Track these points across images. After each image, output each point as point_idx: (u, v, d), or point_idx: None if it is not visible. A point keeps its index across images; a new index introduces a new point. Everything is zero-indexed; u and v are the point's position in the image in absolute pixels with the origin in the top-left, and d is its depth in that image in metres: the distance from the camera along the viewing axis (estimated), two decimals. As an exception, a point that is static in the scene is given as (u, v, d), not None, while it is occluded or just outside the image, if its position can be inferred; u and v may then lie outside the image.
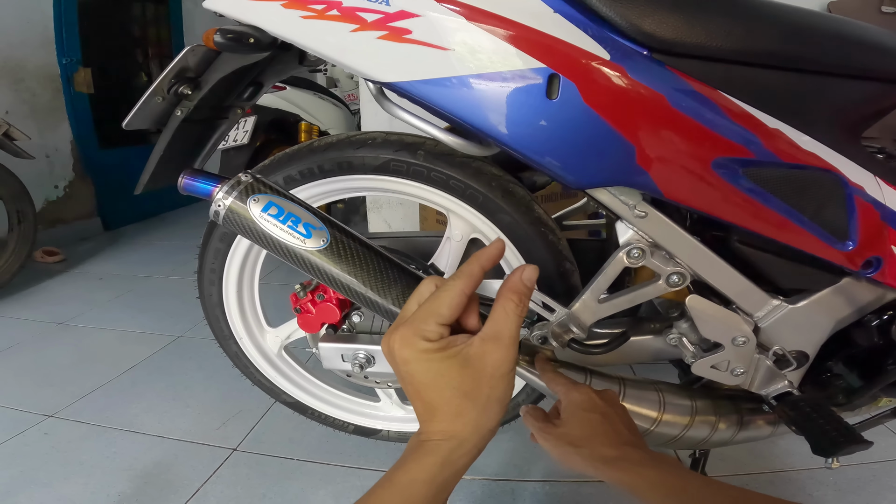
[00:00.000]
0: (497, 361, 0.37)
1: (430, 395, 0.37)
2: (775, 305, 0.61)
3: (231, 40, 0.57)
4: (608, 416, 0.48)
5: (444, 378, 0.36)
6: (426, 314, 0.37)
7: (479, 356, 0.37)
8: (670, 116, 0.49)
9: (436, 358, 0.36)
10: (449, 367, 0.36)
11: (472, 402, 0.36)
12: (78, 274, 2.25)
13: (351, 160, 0.69)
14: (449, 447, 0.36)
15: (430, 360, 0.36)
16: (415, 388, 0.38)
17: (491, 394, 0.37)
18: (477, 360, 0.36)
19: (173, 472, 1.02)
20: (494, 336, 0.37)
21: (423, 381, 0.37)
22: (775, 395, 0.64)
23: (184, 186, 0.57)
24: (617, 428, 0.48)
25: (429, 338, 0.36)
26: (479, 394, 0.36)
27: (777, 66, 0.51)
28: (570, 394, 0.51)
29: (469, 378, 0.36)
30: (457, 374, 0.36)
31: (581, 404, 0.49)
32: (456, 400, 0.36)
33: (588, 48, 0.48)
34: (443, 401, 0.37)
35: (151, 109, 0.67)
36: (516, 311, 0.38)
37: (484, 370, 0.36)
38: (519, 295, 0.38)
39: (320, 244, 0.54)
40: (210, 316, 0.88)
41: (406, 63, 0.51)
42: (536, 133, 0.51)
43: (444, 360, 0.36)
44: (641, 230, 0.58)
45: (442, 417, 0.37)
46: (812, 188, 0.55)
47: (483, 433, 0.37)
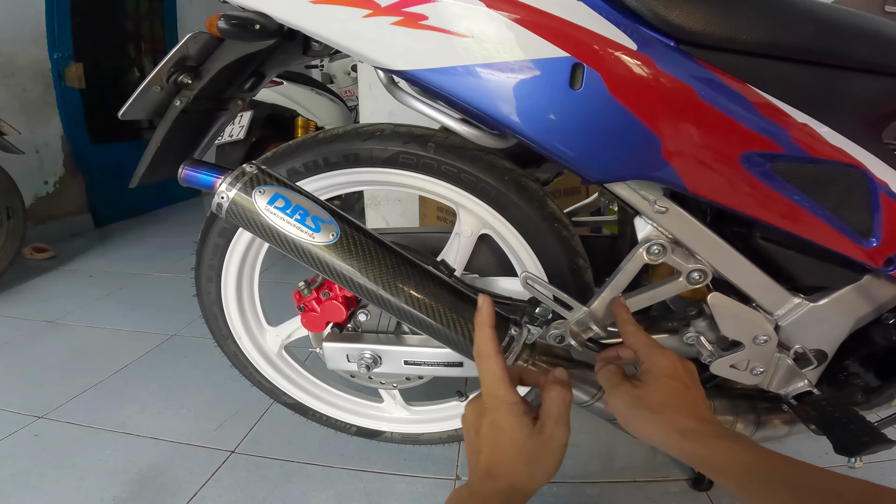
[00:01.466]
0: (557, 438, 0.44)
1: (497, 455, 0.44)
2: (796, 303, 0.60)
3: (236, 27, 0.55)
4: (690, 389, 0.46)
5: (517, 443, 0.44)
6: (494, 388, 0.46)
7: (540, 428, 0.45)
8: (699, 109, 0.47)
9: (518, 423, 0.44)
10: (527, 436, 0.44)
11: (531, 467, 0.44)
12: (68, 271, 2.19)
13: (358, 152, 0.66)
14: (501, 500, 0.42)
15: (519, 421, 0.44)
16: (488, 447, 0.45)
17: (549, 462, 0.44)
18: (538, 432, 0.45)
19: (169, 475, 0.99)
20: (555, 419, 0.45)
21: (500, 441, 0.44)
22: (795, 394, 0.63)
23: (184, 177, 0.54)
24: (697, 401, 0.46)
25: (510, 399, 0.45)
26: (538, 462, 0.44)
27: (806, 60, 0.50)
28: (656, 357, 0.48)
29: (535, 449, 0.44)
30: (526, 441, 0.44)
31: (666, 370, 0.46)
32: (517, 462, 0.44)
33: (614, 38, 0.47)
34: (506, 461, 0.44)
35: (149, 99, 0.64)
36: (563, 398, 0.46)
37: (547, 445, 0.44)
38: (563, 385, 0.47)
39: (330, 239, 0.51)
40: (207, 314, 0.85)
41: (421, 50, 0.49)
42: (557, 124, 0.49)
43: (523, 428, 0.44)
44: (661, 226, 0.56)
45: (499, 473, 0.43)
46: (838, 183, 0.53)
47: (535, 487, 0.44)
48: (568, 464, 0.98)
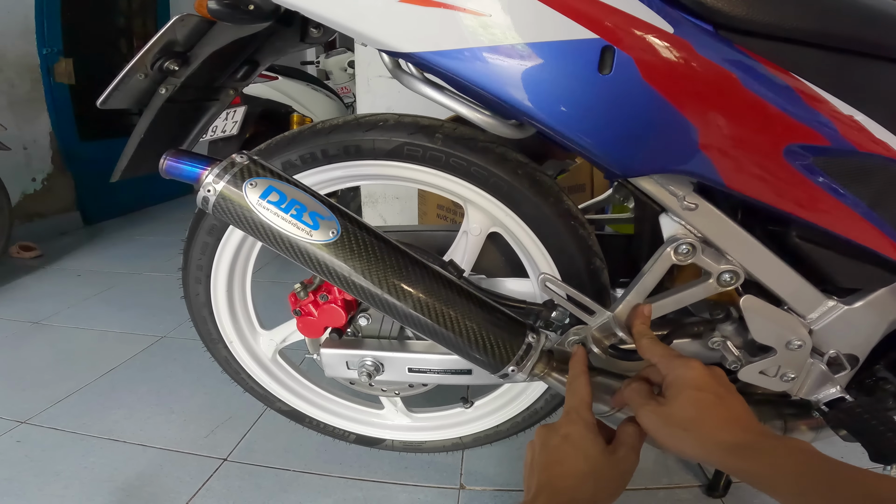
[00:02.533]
0: (629, 465, 0.44)
1: (567, 481, 0.43)
2: (830, 306, 0.56)
3: (227, 7, 0.50)
4: (722, 398, 0.42)
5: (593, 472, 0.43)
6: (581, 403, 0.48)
7: (612, 449, 0.45)
8: (741, 97, 0.43)
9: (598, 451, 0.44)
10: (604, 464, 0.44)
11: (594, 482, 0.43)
12: (55, 270, 2.13)
13: (360, 144, 0.62)
14: None
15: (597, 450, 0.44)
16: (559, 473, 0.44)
17: (617, 489, 0.43)
18: (610, 452, 0.44)
19: (158, 483, 0.94)
20: (630, 447, 0.45)
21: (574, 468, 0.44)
22: (827, 400, 0.59)
23: (166, 169, 0.49)
24: (735, 411, 0.42)
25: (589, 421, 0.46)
26: (607, 487, 0.43)
27: (850, 49, 0.46)
28: (678, 368, 0.44)
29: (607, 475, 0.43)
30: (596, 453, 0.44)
31: (690, 382, 0.43)
32: (585, 488, 0.43)
33: (647, 19, 0.43)
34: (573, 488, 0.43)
35: (132, 87, 0.59)
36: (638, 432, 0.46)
37: (619, 471, 0.44)
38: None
39: (329, 237, 0.47)
40: (196, 318, 0.80)
41: (433, 31, 0.45)
42: (583, 112, 0.45)
43: (601, 455, 0.44)
44: (690, 224, 0.52)
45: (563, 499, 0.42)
46: (881, 180, 0.50)
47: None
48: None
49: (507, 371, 0.50)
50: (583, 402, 0.47)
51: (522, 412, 0.82)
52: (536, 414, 0.81)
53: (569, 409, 0.47)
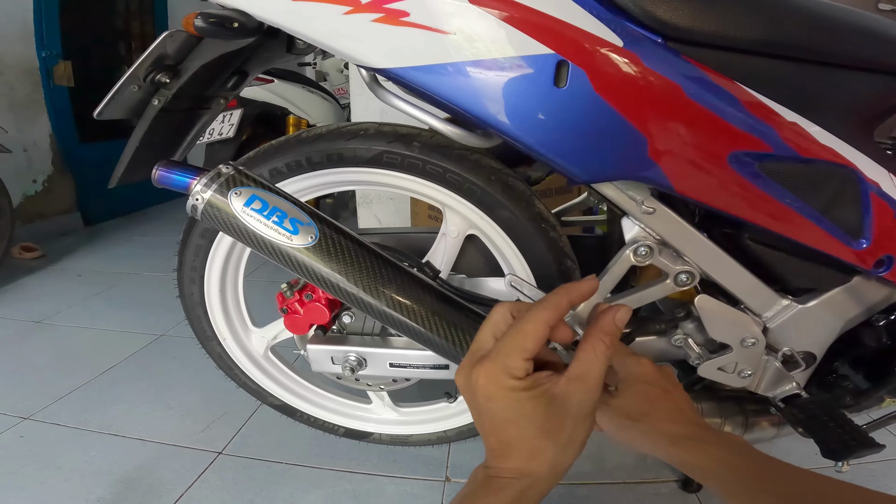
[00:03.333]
0: (582, 402, 0.36)
1: (509, 432, 0.36)
2: (785, 305, 0.59)
3: (213, 25, 0.53)
4: (669, 392, 0.44)
5: (528, 417, 0.35)
6: (511, 349, 0.36)
7: (564, 396, 0.36)
8: (686, 107, 0.46)
9: (522, 397, 0.35)
10: (534, 406, 0.35)
11: (552, 442, 0.35)
12: (57, 270, 2.17)
13: (342, 152, 0.65)
14: (521, 486, 0.35)
15: (517, 399, 0.35)
16: (493, 424, 0.37)
17: (573, 434, 0.36)
18: (563, 400, 0.36)
19: (155, 476, 0.98)
20: (581, 376, 0.36)
21: (505, 417, 0.36)
22: (783, 397, 0.62)
23: (158, 179, 0.53)
24: (680, 404, 0.44)
25: (516, 375, 0.35)
26: (561, 434, 0.36)
27: (796, 58, 0.49)
28: (629, 364, 0.45)
29: (553, 418, 0.35)
30: (542, 413, 0.35)
31: (640, 376, 0.44)
32: (536, 439, 0.35)
33: (599, 34, 0.45)
34: (522, 439, 0.36)
35: (126, 98, 0.62)
36: (605, 353, 0.37)
37: (569, 410, 0.36)
38: (611, 337, 0.38)
39: (308, 241, 0.50)
40: (191, 316, 0.83)
41: (403, 48, 0.48)
42: (542, 123, 0.48)
43: (531, 400, 0.35)
44: (649, 227, 0.55)
45: (518, 455, 0.36)
46: (828, 184, 0.53)
47: (558, 472, 0.36)
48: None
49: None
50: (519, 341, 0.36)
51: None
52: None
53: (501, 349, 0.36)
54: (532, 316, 0.36)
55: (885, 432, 1.05)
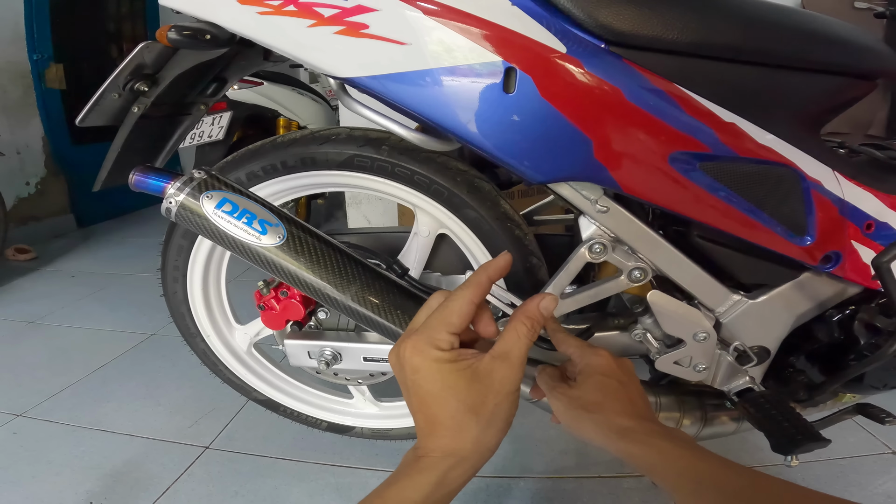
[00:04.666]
0: (504, 378, 0.37)
1: (434, 407, 0.37)
2: (736, 300, 0.62)
3: (187, 37, 0.56)
4: (625, 385, 0.45)
5: (452, 390, 0.37)
6: (437, 323, 0.38)
7: (487, 372, 0.37)
8: (626, 110, 0.49)
9: (446, 369, 0.37)
10: (457, 379, 0.37)
11: (475, 418, 0.37)
12: (50, 272, 2.19)
13: (314, 156, 0.68)
14: (447, 465, 0.36)
15: (441, 371, 0.37)
16: (420, 398, 0.38)
17: (495, 411, 0.37)
18: (485, 376, 0.37)
19: (143, 470, 1.00)
20: (504, 354, 0.38)
21: (430, 391, 0.37)
22: (737, 390, 0.65)
23: (134, 183, 0.56)
24: (633, 398, 0.45)
25: (441, 347, 0.37)
26: (483, 409, 0.37)
27: (733, 59, 0.51)
28: (587, 356, 0.46)
29: (476, 392, 0.37)
30: (464, 387, 0.37)
31: (598, 368, 0.45)
32: (460, 415, 0.37)
33: (544, 41, 0.48)
34: (447, 414, 0.37)
35: (107, 106, 0.65)
36: (527, 335, 0.39)
37: (491, 386, 0.37)
38: (532, 321, 0.40)
39: (276, 241, 0.53)
40: (175, 314, 0.86)
41: (364, 58, 0.50)
42: (495, 127, 0.50)
43: (454, 372, 0.37)
44: (603, 225, 0.58)
45: (443, 433, 0.37)
46: (769, 183, 0.55)
47: (483, 452, 0.37)
48: (539, 459, 1.02)
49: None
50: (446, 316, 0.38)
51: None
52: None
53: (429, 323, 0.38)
54: (457, 294, 0.39)
55: (856, 427, 1.08)
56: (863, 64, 0.55)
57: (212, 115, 1.87)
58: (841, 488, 0.93)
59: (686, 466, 0.39)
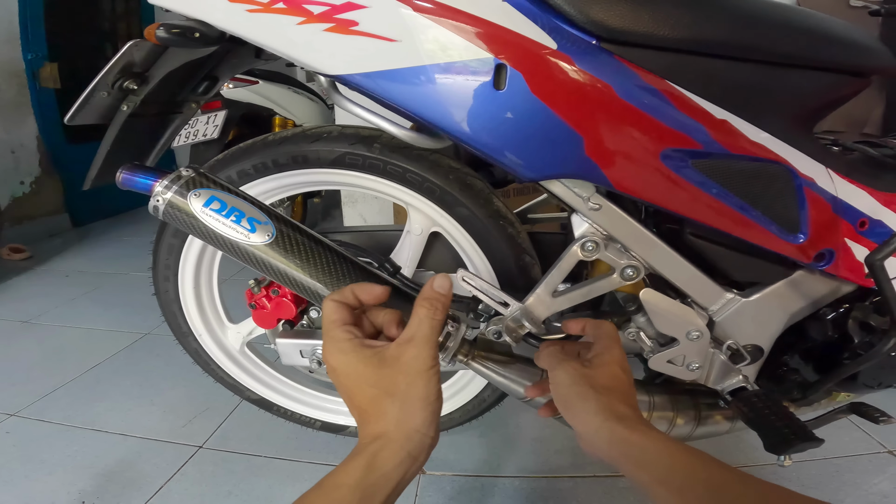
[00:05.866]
0: (411, 359, 0.40)
1: (356, 398, 0.41)
2: (729, 299, 0.62)
3: (176, 35, 0.55)
4: (632, 385, 0.48)
5: (363, 378, 0.40)
6: (327, 326, 0.43)
7: (395, 356, 0.41)
8: (618, 107, 0.48)
9: (353, 360, 0.41)
10: (365, 367, 0.40)
11: (390, 399, 0.39)
12: (44, 271, 2.18)
13: (306, 154, 0.67)
14: (374, 448, 0.38)
15: (349, 363, 0.41)
16: (345, 394, 0.42)
17: (409, 391, 0.39)
18: (393, 361, 0.40)
19: (136, 469, 1.00)
20: (409, 338, 0.41)
21: (348, 385, 0.41)
22: (730, 390, 0.64)
23: (122, 181, 0.55)
24: (633, 394, 0.47)
25: (340, 339, 0.41)
26: (396, 390, 0.39)
27: (725, 55, 0.51)
28: (612, 346, 0.49)
29: (386, 377, 0.40)
30: (373, 373, 0.40)
31: (618, 360, 0.47)
32: (377, 399, 0.40)
33: (535, 38, 0.48)
34: (366, 401, 0.40)
35: (96, 104, 0.64)
36: (428, 315, 0.42)
37: (400, 368, 0.40)
38: (430, 301, 0.43)
39: (266, 239, 0.52)
40: (167, 312, 0.86)
41: (354, 55, 0.50)
42: (485, 124, 0.50)
43: (361, 362, 0.40)
44: (596, 223, 0.57)
45: (368, 419, 0.40)
46: (761, 180, 0.55)
47: (409, 433, 0.39)
48: (533, 458, 1.02)
49: (431, 356, 0.56)
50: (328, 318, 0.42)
51: (472, 400, 0.88)
52: (484, 402, 0.87)
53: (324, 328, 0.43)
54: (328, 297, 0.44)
55: (851, 426, 1.08)
56: (857, 61, 0.55)
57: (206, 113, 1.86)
58: (835, 488, 0.92)
59: (677, 459, 0.40)
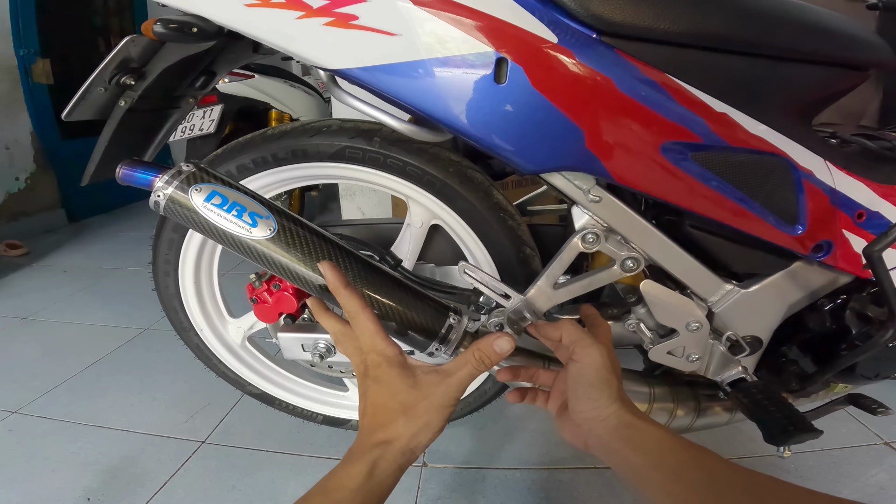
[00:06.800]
0: (440, 393, 0.42)
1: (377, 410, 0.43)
2: (728, 290, 0.62)
3: (173, 30, 0.55)
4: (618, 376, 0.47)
5: (392, 390, 0.42)
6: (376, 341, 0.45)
7: (428, 382, 0.43)
8: (618, 100, 0.48)
9: (395, 374, 0.43)
10: (400, 382, 0.42)
11: (406, 417, 0.42)
12: (42, 267, 2.17)
13: (306, 148, 0.67)
14: (374, 456, 0.40)
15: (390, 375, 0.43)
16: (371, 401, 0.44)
17: (425, 417, 0.42)
18: (425, 385, 0.43)
19: (139, 465, 1.00)
20: (448, 372, 0.43)
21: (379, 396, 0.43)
22: (730, 381, 0.65)
23: (122, 177, 0.55)
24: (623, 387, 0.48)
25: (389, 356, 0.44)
26: (414, 412, 0.42)
27: (725, 49, 0.51)
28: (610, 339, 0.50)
29: (412, 397, 0.42)
30: (403, 389, 0.42)
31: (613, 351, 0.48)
32: (394, 412, 0.42)
33: (536, 31, 0.48)
34: (384, 410, 0.42)
35: (94, 100, 0.64)
36: (474, 365, 0.43)
37: (427, 395, 0.42)
38: (482, 354, 0.44)
39: (267, 233, 0.52)
40: (167, 307, 0.86)
41: (354, 50, 0.50)
42: (486, 118, 0.50)
43: (398, 377, 0.43)
44: (596, 215, 0.58)
45: (378, 426, 0.42)
46: (760, 172, 0.55)
47: (406, 452, 0.41)
48: (534, 450, 1.03)
49: (433, 349, 0.56)
50: (375, 334, 0.44)
51: (473, 393, 0.88)
52: (485, 394, 0.88)
53: (367, 349, 0.44)
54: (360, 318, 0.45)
55: (849, 418, 1.09)
56: (855, 55, 0.55)
57: (202, 108, 1.84)
58: (833, 479, 0.93)
59: (673, 445, 0.41)
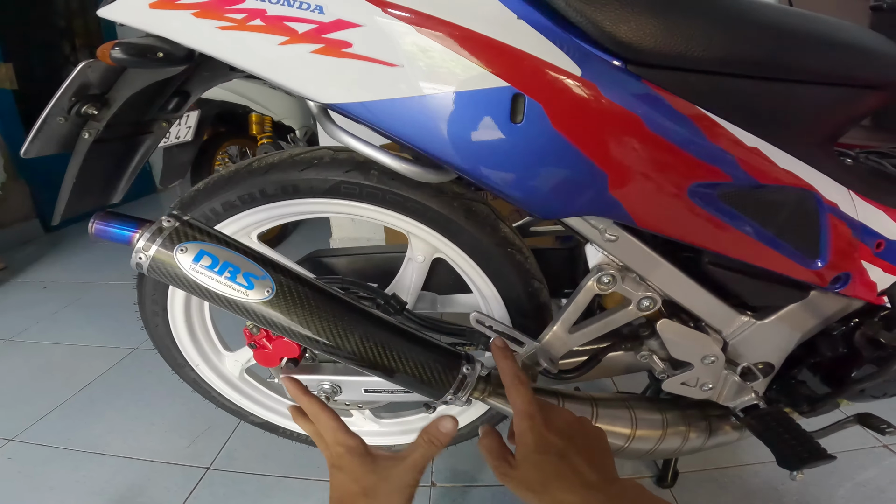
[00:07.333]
0: (397, 475, 0.47)
1: (341, 489, 0.48)
2: (744, 322, 0.60)
3: (134, 56, 0.48)
4: (565, 456, 0.44)
5: (353, 476, 0.47)
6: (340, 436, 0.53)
7: (385, 467, 0.48)
8: (646, 140, 0.44)
9: (356, 461, 0.49)
10: (359, 467, 0.47)
11: (366, 499, 0.46)
12: (20, 283, 2.08)
13: (297, 183, 0.62)
14: None
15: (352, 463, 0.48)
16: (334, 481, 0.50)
17: (387, 500, 0.46)
18: (383, 469, 0.47)
19: (148, 494, 0.98)
20: (403, 456, 0.48)
21: (343, 480, 0.48)
22: (742, 407, 0.64)
23: (95, 233, 0.49)
24: (576, 468, 0.43)
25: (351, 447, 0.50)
26: (375, 495, 0.46)
27: (761, 76, 0.47)
28: (522, 430, 0.46)
29: (371, 481, 0.46)
30: (362, 473, 0.47)
31: (531, 446, 0.44)
32: (356, 496, 0.46)
33: (557, 62, 0.42)
34: (347, 494, 0.47)
35: (53, 132, 0.57)
36: (424, 448, 0.49)
37: (385, 477, 0.47)
38: (432, 437, 0.49)
39: (265, 295, 0.48)
40: (160, 346, 0.81)
41: (348, 82, 0.44)
42: (499, 160, 0.46)
43: (357, 464, 0.48)
44: (612, 254, 0.55)
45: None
46: (786, 208, 0.52)
47: None
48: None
49: (447, 398, 0.54)
50: (336, 430, 0.51)
51: (481, 416, 0.87)
52: (493, 418, 0.86)
53: (332, 443, 0.51)
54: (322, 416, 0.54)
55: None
56: (890, 75, 0.51)
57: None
58: (834, 483, 0.95)
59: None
